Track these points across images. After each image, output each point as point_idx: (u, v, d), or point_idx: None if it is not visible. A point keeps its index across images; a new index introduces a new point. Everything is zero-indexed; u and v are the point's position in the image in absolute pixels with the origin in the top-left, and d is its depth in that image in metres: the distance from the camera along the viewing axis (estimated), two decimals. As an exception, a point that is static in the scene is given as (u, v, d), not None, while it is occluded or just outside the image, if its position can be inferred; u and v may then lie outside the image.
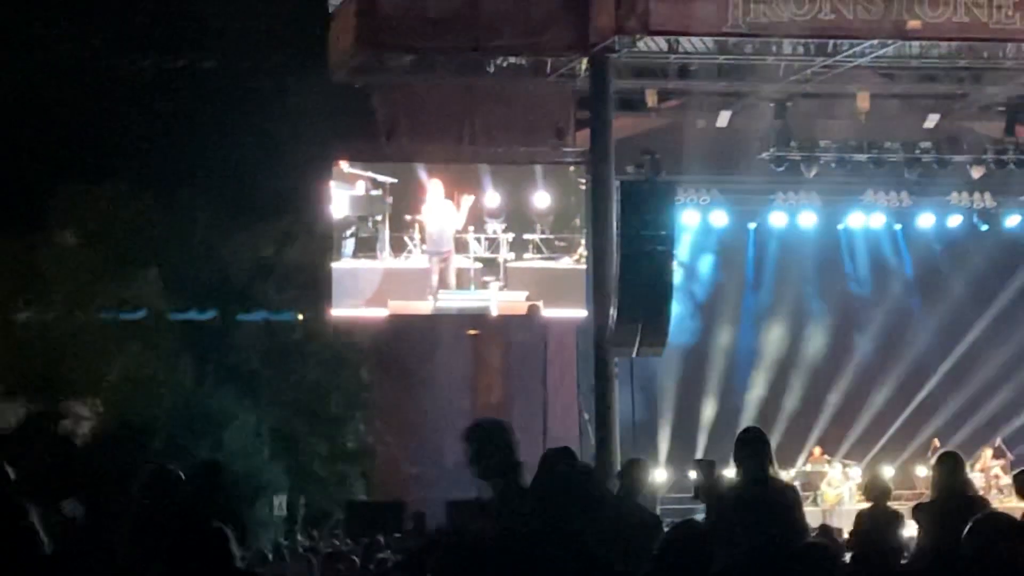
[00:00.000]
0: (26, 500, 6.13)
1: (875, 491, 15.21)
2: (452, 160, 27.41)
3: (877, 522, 14.33)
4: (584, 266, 27.19)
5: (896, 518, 14.44)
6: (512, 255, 27.65)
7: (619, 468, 12.80)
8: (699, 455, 28.53)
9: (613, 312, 25.32)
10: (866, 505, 15.25)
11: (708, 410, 30.03)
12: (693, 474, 13.96)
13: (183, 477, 10.46)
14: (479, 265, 27.62)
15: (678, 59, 26.98)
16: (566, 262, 27.70)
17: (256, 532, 25.92)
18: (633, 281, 25.20)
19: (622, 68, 26.55)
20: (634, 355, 25.96)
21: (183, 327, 30.76)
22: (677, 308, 27.08)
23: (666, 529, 8.49)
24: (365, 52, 26.26)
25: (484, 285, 27.65)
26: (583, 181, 27.44)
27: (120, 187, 31.15)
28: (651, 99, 28.21)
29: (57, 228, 30.96)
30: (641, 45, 25.86)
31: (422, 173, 27.53)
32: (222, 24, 30.70)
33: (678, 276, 27.41)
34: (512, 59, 27.32)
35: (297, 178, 29.18)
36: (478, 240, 27.67)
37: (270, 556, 21.68)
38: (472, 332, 28.10)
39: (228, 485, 13.35)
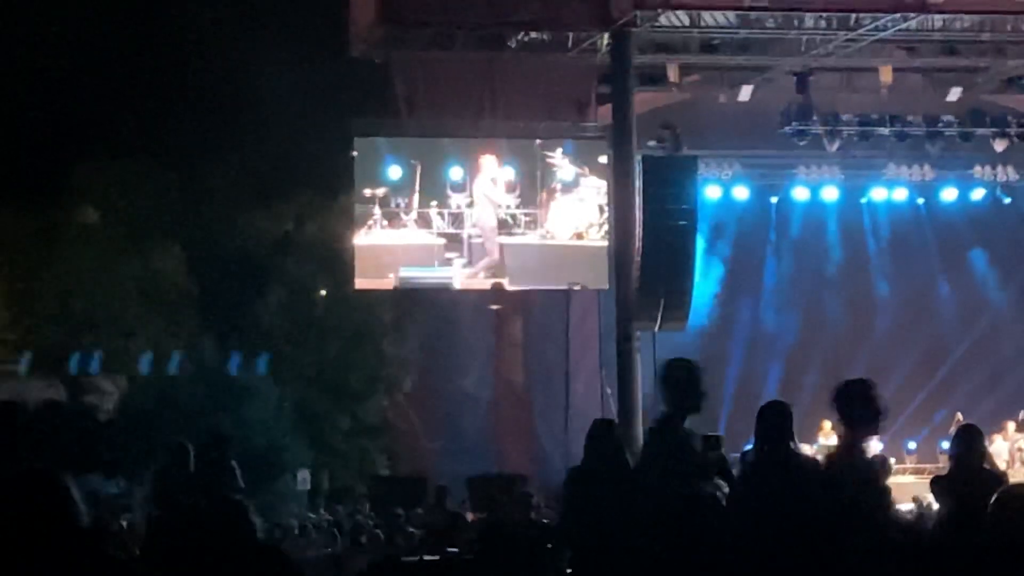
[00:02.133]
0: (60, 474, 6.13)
1: None
2: (472, 135, 27.34)
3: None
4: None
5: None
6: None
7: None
8: (721, 430, 28.55)
9: (635, 286, 25.32)
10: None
11: (730, 384, 30.01)
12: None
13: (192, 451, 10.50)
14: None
15: (700, 33, 26.91)
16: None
17: (280, 506, 26.04)
18: (655, 255, 25.19)
19: (643, 43, 26.49)
20: (656, 329, 25.95)
21: (206, 302, 30.85)
22: (699, 282, 27.06)
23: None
24: (385, 27, 26.21)
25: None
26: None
27: (142, 163, 31.25)
28: (673, 74, 28.14)
29: (79, 204, 31.07)
30: (663, 19, 25.81)
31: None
32: (241, 1, 30.72)
33: (700, 250, 27.38)
34: (533, 34, 27.26)
35: (317, 153, 29.20)
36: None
37: (295, 530, 21.79)
38: (494, 306, 28.06)
39: (234, 458, 13.32)
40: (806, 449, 23.60)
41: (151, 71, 30.87)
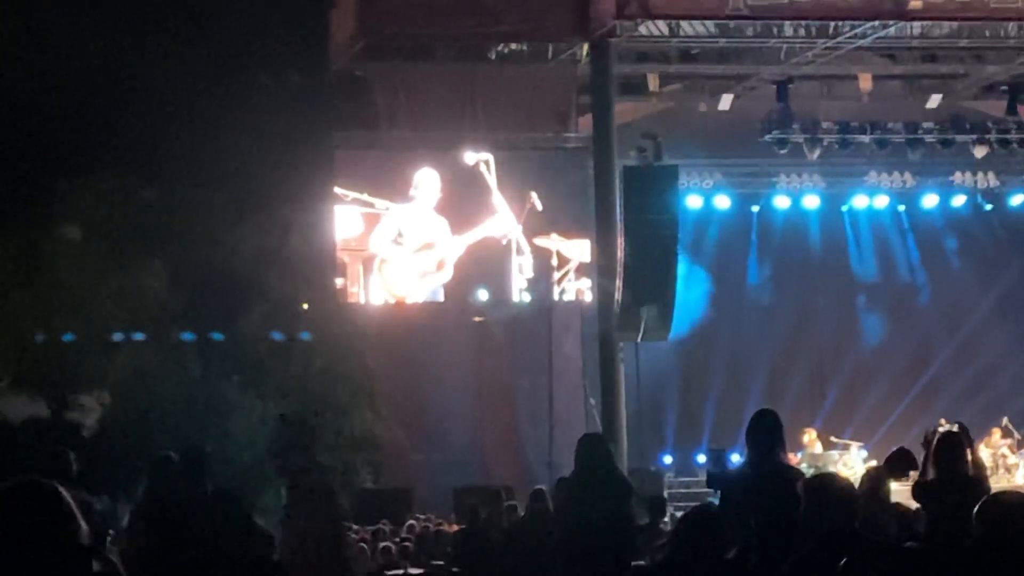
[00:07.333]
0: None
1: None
2: (454, 148, 27.33)
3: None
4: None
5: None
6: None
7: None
8: (705, 439, 28.56)
9: (618, 297, 25.30)
10: None
11: (713, 394, 30.01)
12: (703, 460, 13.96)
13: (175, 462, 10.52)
14: None
15: (679, 43, 26.97)
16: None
17: (265, 520, 25.94)
18: (638, 266, 25.18)
19: (623, 53, 26.52)
20: (639, 339, 25.94)
21: (188, 317, 30.77)
22: (681, 292, 27.05)
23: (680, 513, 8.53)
24: (366, 40, 26.21)
25: None
26: None
27: (123, 180, 31.17)
28: (653, 83, 28.18)
29: (61, 222, 30.99)
30: (642, 29, 25.84)
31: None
32: (222, 15, 30.67)
33: (682, 260, 27.38)
34: (513, 45, 27.29)
35: (299, 167, 29.16)
36: None
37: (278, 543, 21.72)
38: (478, 319, 28.02)
39: (213, 470, 13.42)
40: (792, 458, 23.63)
41: (131, 86, 30.81)
